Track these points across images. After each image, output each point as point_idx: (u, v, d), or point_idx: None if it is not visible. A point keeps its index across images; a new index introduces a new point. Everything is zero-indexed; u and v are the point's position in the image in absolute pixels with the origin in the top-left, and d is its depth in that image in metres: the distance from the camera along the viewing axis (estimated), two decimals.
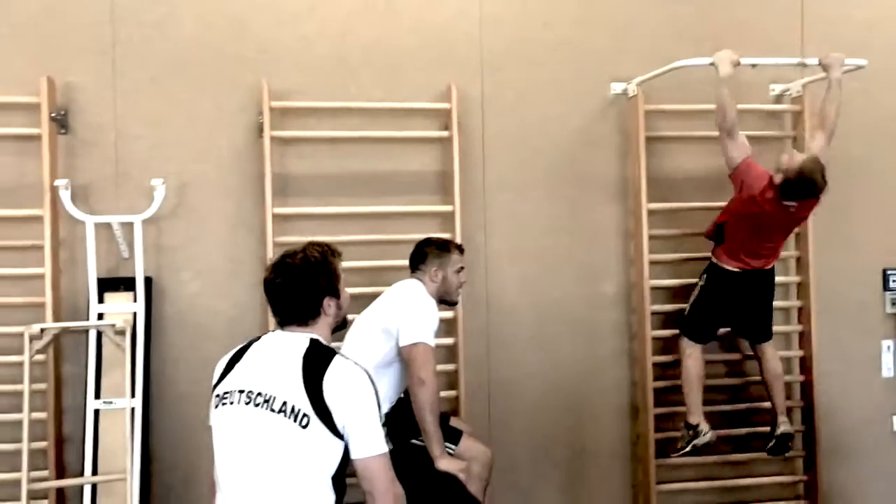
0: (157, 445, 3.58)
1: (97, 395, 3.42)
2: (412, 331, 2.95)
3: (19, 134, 3.51)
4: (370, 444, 1.94)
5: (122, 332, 3.34)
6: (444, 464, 2.85)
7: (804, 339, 4.06)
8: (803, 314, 4.06)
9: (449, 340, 3.77)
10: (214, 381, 2.10)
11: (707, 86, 3.66)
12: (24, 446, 3.13)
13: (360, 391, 1.97)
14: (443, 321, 3.72)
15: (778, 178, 3.41)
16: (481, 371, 3.88)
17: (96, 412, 3.40)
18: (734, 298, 3.69)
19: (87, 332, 3.45)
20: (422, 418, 2.86)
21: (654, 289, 3.90)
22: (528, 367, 3.93)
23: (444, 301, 3.31)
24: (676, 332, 3.88)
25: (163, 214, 3.61)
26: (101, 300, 3.48)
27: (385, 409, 3.01)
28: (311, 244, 2.18)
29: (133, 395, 3.35)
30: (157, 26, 3.67)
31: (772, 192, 3.43)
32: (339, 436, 1.93)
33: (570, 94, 3.99)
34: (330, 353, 2.03)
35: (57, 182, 3.42)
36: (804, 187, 3.40)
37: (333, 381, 1.95)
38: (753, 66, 3.61)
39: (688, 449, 3.69)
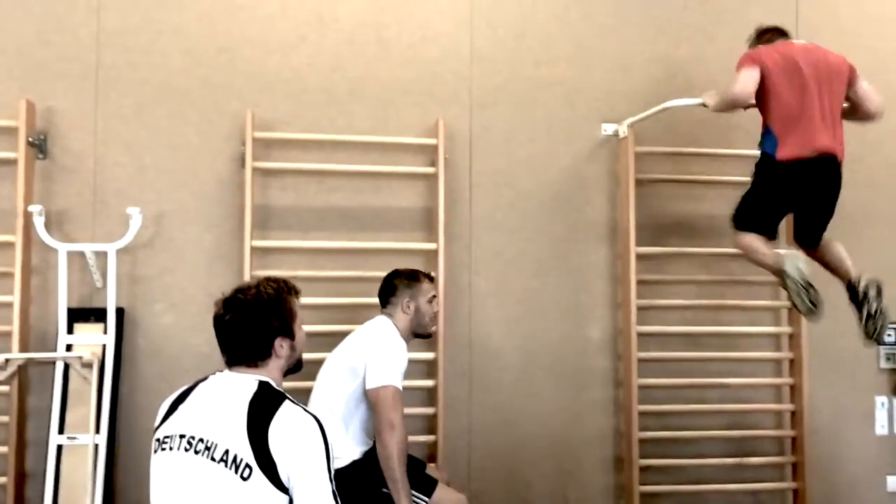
0: (122, 480, 3.45)
1: (61, 430, 3.30)
2: (379, 373, 2.84)
3: None
4: (316, 500, 1.81)
5: (89, 365, 3.24)
6: None
7: (795, 392, 3.93)
8: (794, 367, 3.93)
9: (429, 383, 3.66)
10: (156, 423, 1.98)
11: (698, 128, 3.61)
12: None
13: (308, 442, 1.84)
14: (423, 363, 3.65)
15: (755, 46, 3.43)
16: (462, 416, 3.75)
17: (59, 447, 3.28)
18: (790, 192, 3.26)
19: (54, 363, 3.35)
20: (388, 466, 2.73)
21: (641, 335, 3.79)
22: (512, 413, 3.80)
23: (419, 334, 3.18)
24: (662, 381, 3.79)
25: (139, 244, 3.52)
26: (70, 331, 3.39)
27: (356, 454, 2.90)
28: (267, 279, 2.07)
29: (98, 431, 3.24)
30: (143, 53, 3.63)
31: (778, 43, 3.36)
32: (284, 489, 1.80)
33: (560, 133, 3.92)
34: (279, 399, 1.90)
35: (31, 208, 3.35)
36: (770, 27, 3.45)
37: (280, 430, 1.82)
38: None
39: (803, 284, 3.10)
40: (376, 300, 3.38)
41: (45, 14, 3.55)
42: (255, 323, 1.98)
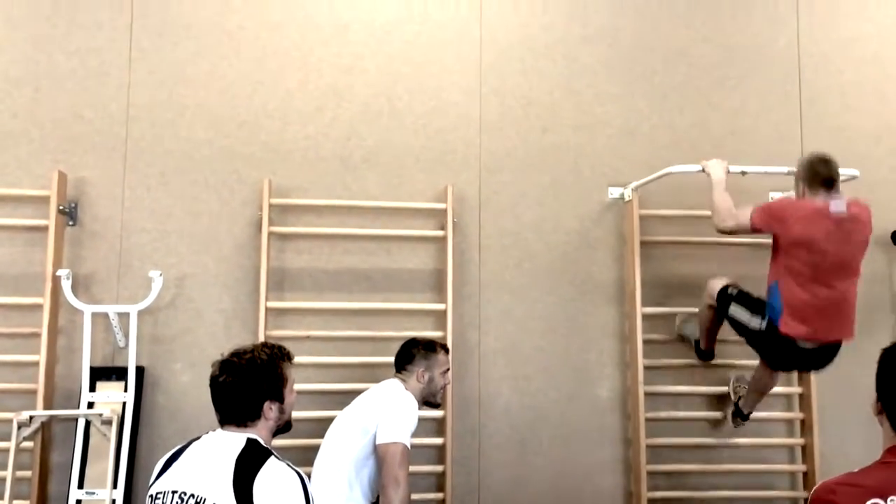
0: None
1: (80, 485, 3.42)
2: (390, 430, 2.93)
3: (29, 225, 3.65)
4: None
5: (108, 422, 3.37)
6: None
7: (807, 452, 3.91)
8: (805, 427, 3.93)
9: (437, 441, 3.73)
10: (151, 480, 2.09)
11: (701, 192, 3.69)
12: None
13: (290, 495, 1.93)
14: (432, 420, 3.73)
15: (801, 187, 3.30)
16: (471, 474, 3.80)
17: (78, 502, 3.40)
18: (790, 362, 3.48)
19: (76, 420, 3.49)
20: None
21: (648, 394, 3.83)
22: (521, 472, 3.84)
23: (428, 403, 3.27)
24: (671, 441, 3.82)
25: (161, 305, 3.69)
26: (93, 388, 3.54)
27: None
28: (263, 345, 2.20)
29: (115, 486, 3.36)
30: (169, 126, 3.85)
31: (809, 206, 3.19)
32: None
33: (567, 197, 4.04)
34: (265, 455, 2.01)
35: (59, 272, 3.54)
36: (822, 163, 3.23)
37: (264, 484, 1.92)
38: (743, 173, 3.63)
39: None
40: (387, 359, 3.48)
41: (78, 91, 3.80)
42: (246, 386, 2.09)
